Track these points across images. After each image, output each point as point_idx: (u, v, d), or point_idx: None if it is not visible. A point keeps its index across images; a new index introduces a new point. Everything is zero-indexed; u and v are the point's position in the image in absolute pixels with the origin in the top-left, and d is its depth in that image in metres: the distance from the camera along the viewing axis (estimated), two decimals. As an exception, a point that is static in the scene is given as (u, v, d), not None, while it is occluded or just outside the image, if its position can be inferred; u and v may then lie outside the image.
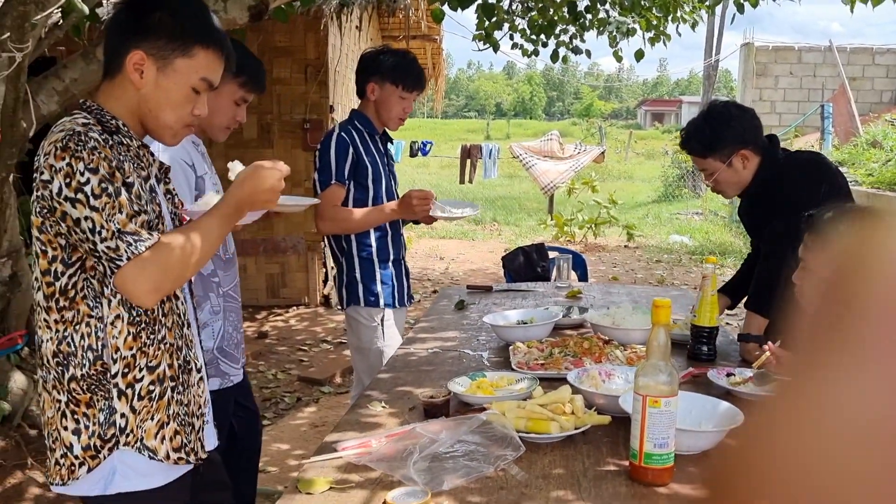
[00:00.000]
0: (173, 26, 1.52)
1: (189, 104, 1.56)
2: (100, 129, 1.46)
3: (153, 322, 1.53)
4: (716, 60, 17.57)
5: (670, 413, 1.45)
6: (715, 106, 2.58)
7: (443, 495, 1.43)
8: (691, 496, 1.43)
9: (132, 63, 1.50)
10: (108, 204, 1.39)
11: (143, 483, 1.52)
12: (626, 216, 12.51)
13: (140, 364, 1.51)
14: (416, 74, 2.88)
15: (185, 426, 1.58)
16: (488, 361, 2.33)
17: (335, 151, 2.82)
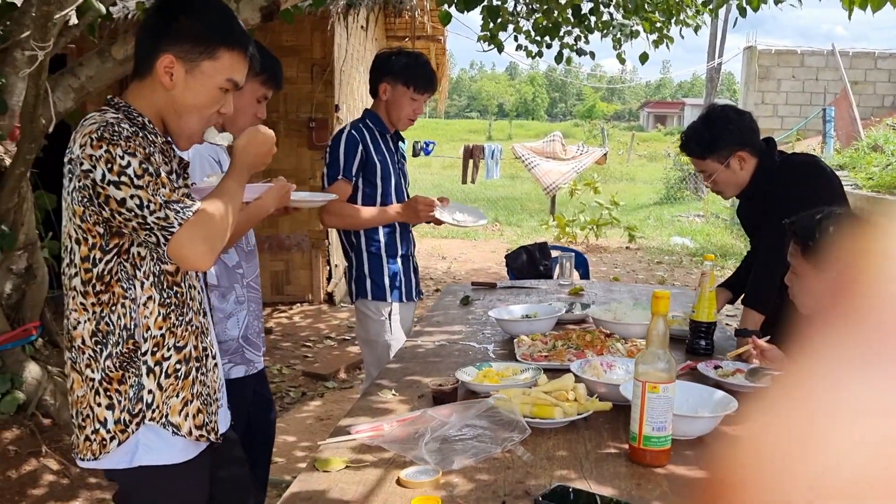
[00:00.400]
0: (199, 30, 1.61)
1: (216, 104, 1.65)
2: (129, 124, 1.55)
3: (181, 304, 1.63)
4: (719, 63, 17.65)
5: (668, 398, 1.53)
6: (714, 109, 2.67)
7: (453, 474, 1.52)
8: (687, 476, 1.51)
9: (163, 66, 1.59)
10: (150, 182, 1.49)
11: (165, 458, 1.61)
12: (628, 218, 12.59)
13: (168, 343, 1.61)
14: (427, 77, 2.97)
15: (207, 405, 1.67)
16: (493, 353, 2.42)
17: (344, 148, 2.91)
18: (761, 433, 0.30)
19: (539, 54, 7.16)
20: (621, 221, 11.17)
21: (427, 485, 1.47)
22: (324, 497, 1.45)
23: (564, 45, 7.01)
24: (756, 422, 0.31)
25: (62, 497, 3.14)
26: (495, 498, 1.42)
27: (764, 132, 8.27)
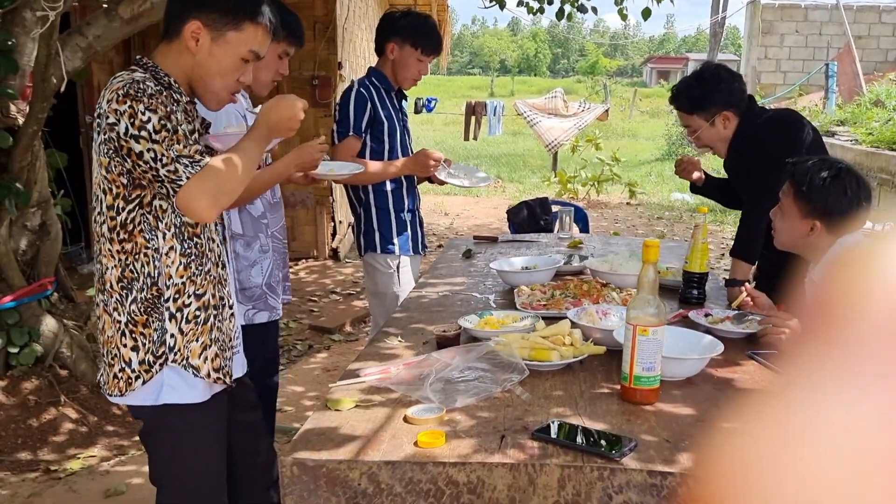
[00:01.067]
0: (228, 2, 1.70)
1: (237, 72, 1.74)
2: (154, 83, 1.64)
3: (201, 255, 1.74)
4: (722, 18, 17.48)
5: (657, 341, 1.63)
6: (707, 67, 2.74)
7: (456, 412, 1.63)
8: (673, 413, 1.62)
9: (190, 31, 1.69)
10: (166, 138, 1.60)
11: (187, 397, 1.74)
12: (630, 174, 12.62)
13: (189, 291, 1.72)
14: (435, 39, 3.03)
15: (223, 351, 1.79)
16: (494, 303, 2.52)
17: (354, 105, 2.98)
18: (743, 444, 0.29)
19: (541, 10, 7.15)
20: (622, 177, 11.21)
21: (432, 421, 1.58)
22: (336, 433, 1.56)
23: (566, 1, 7.00)
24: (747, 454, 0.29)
25: (81, 444, 3.28)
26: (495, 433, 1.53)
27: (767, 87, 8.38)
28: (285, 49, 2.40)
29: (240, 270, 2.45)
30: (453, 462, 1.42)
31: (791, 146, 2.49)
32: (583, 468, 1.39)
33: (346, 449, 1.49)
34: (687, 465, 1.39)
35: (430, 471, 1.43)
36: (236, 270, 2.44)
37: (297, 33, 2.41)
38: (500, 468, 1.41)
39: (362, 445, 1.50)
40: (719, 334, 2.14)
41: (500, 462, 1.41)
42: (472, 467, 1.42)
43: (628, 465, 1.39)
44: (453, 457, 1.44)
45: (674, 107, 2.78)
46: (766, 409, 0.29)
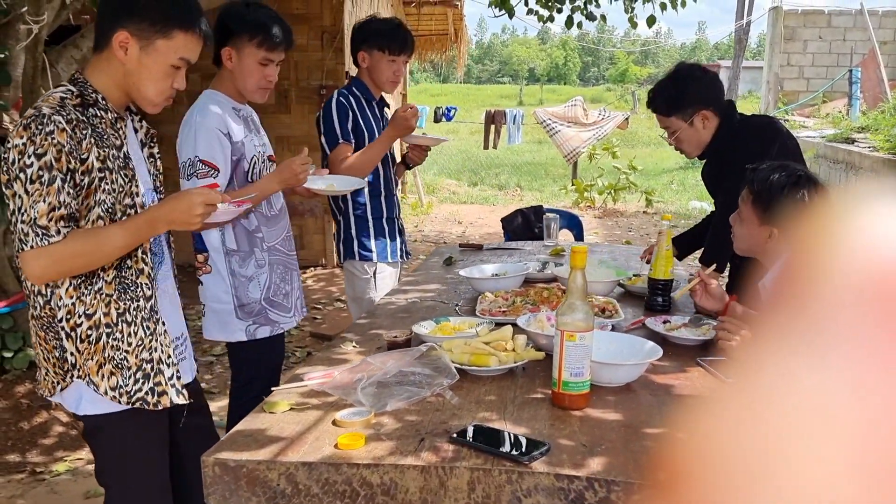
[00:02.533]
0: (156, 11, 1.73)
1: (168, 79, 1.78)
2: (77, 103, 1.70)
3: (91, 275, 1.74)
4: (746, 23, 17.32)
5: (585, 346, 1.64)
6: (681, 67, 2.73)
7: (385, 415, 1.65)
8: (600, 418, 1.63)
9: (118, 41, 1.72)
10: (37, 191, 1.62)
11: (105, 408, 1.80)
12: (651, 182, 12.55)
13: (79, 311, 1.74)
14: (400, 38, 3.05)
15: (121, 369, 1.78)
16: (459, 310, 2.53)
17: (337, 114, 3.03)
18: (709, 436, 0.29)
19: (550, 19, 7.18)
20: (640, 186, 11.15)
21: (359, 424, 1.60)
22: (263, 434, 1.59)
23: (575, 9, 7.02)
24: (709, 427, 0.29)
25: (69, 447, 3.34)
26: (416, 435, 1.55)
27: (789, 94, 8.35)
28: (265, 55, 2.41)
29: (237, 286, 2.49)
30: (367, 464, 1.44)
31: (765, 154, 2.47)
32: (491, 471, 1.40)
33: (268, 450, 1.51)
34: (596, 469, 1.40)
35: (345, 472, 1.45)
36: (233, 286, 2.48)
37: (273, 37, 2.40)
38: (411, 470, 1.43)
39: (284, 447, 1.53)
40: (674, 341, 2.14)
41: (412, 464, 1.43)
42: (384, 469, 1.44)
43: (536, 468, 1.40)
44: (368, 458, 1.46)
45: (651, 110, 2.78)
46: (730, 382, 0.29)
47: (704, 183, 2.86)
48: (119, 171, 1.76)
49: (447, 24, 10.95)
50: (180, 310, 2.06)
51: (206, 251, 2.50)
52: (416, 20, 10.45)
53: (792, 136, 2.63)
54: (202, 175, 2.33)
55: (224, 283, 2.49)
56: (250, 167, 2.46)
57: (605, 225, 9.54)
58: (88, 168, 1.68)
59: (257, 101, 2.51)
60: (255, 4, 2.48)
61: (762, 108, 13.45)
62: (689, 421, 0.30)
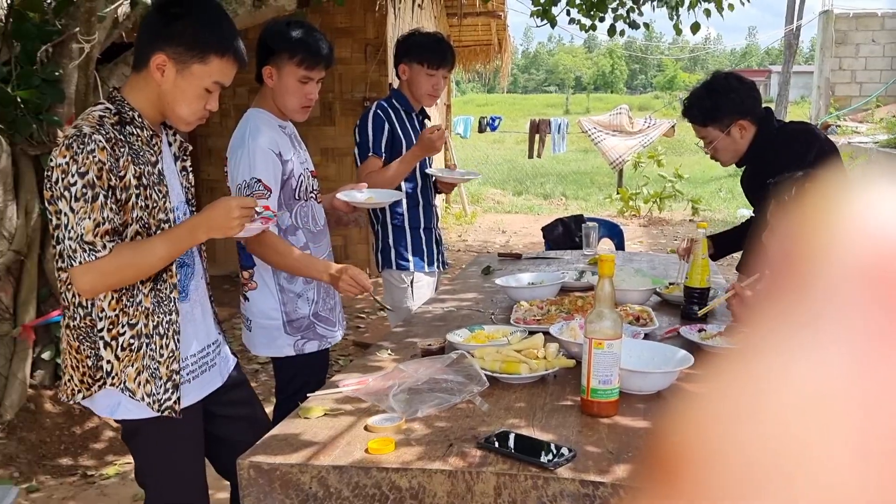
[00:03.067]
0: (192, 36, 1.80)
1: (202, 101, 1.85)
2: (115, 121, 1.77)
3: (132, 288, 1.82)
4: (797, 28, 17.01)
5: (613, 354, 1.65)
6: (717, 77, 2.72)
7: (416, 421, 1.68)
8: (628, 426, 1.63)
9: (155, 64, 1.79)
10: (81, 209, 1.69)
11: (140, 413, 1.87)
12: (698, 190, 12.41)
13: (122, 322, 1.82)
14: (440, 52, 3.09)
15: (155, 378, 1.86)
16: (494, 318, 2.56)
17: (372, 127, 3.07)
18: (710, 398, 0.29)
19: (592, 27, 7.16)
20: (686, 194, 11.02)
21: (390, 430, 1.63)
22: (297, 438, 1.63)
23: (618, 18, 6.99)
24: (707, 386, 0.29)
25: (119, 451, 3.45)
26: (445, 441, 1.57)
27: (842, 100, 8.23)
28: (305, 74, 2.42)
29: (286, 303, 2.51)
30: (396, 468, 1.47)
31: (802, 160, 2.45)
32: (517, 476, 1.42)
33: (301, 454, 1.56)
34: (622, 476, 1.40)
35: (375, 476, 1.48)
36: (282, 303, 2.51)
37: (314, 55, 2.41)
38: (439, 475, 1.46)
39: (317, 451, 1.57)
40: (709, 350, 2.13)
41: (440, 469, 1.46)
42: (413, 473, 1.47)
43: (562, 474, 1.41)
44: (397, 463, 1.49)
45: (688, 120, 2.77)
46: (730, 364, 0.29)
47: (744, 190, 2.84)
48: (154, 188, 1.83)
49: (491, 34, 11.01)
50: (211, 316, 2.12)
51: (253, 267, 2.52)
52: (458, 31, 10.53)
53: (831, 142, 2.60)
54: (258, 196, 2.34)
55: (273, 300, 2.51)
56: (297, 184, 2.49)
57: (649, 234, 9.45)
58: (126, 185, 1.75)
59: (298, 120, 2.53)
60: (297, 22, 2.50)
61: (813, 114, 13.19)
62: (686, 414, 0.30)
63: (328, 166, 7.01)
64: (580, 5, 6.61)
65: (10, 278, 3.60)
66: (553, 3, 6.33)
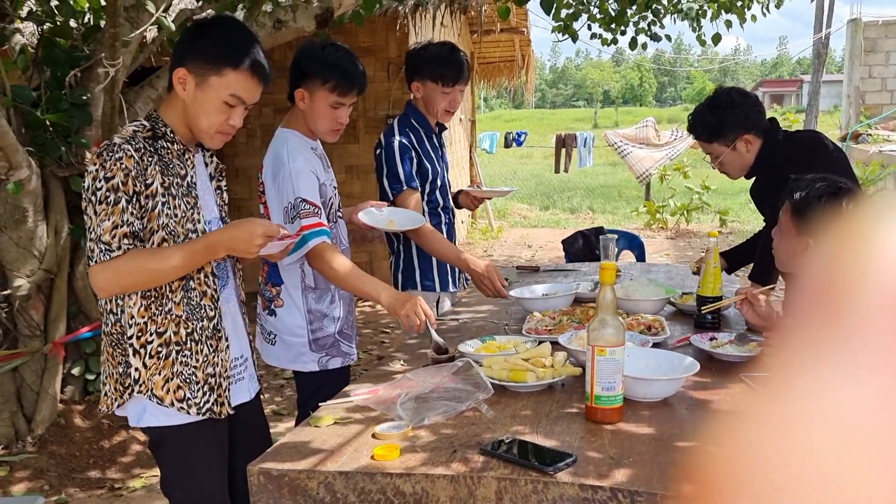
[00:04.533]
0: (210, 50, 1.90)
1: (222, 114, 1.92)
2: (148, 136, 1.89)
3: (160, 297, 1.90)
4: (826, 36, 16.86)
5: (616, 360, 1.67)
6: (720, 94, 2.73)
7: (423, 428, 1.71)
8: (631, 432, 1.65)
9: (177, 77, 1.90)
10: (103, 211, 1.80)
11: (165, 421, 1.94)
12: (727, 202, 12.30)
13: (150, 329, 1.90)
14: (454, 69, 2.95)
15: (189, 384, 1.94)
16: (507, 329, 2.58)
17: (400, 159, 2.94)
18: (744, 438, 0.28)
19: (614, 41, 7.18)
20: (714, 205, 10.94)
21: (396, 437, 1.67)
22: (307, 446, 1.67)
23: (640, 31, 7.01)
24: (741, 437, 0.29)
25: (146, 464, 3.52)
26: (450, 447, 1.60)
27: (872, 108, 8.16)
28: (337, 99, 2.41)
29: (312, 321, 2.53)
30: (400, 473, 1.51)
31: (809, 167, 2.45)
32: (518, 481, 1.45)
33: (309, 460, 1.59)
34: (621, 480, 1.42)
35: (380, 481, 1.52)
36: (309, 321, 2.54)
37: (346, 82, 2.39)
38: (441, 480, 1.48)
39: (324, 458, 1.60)
40: (719, 358, 2.14)
41: (443, 474, 1.49)
42: (416, 478, 1.50)
43: (561, 479, 1.43)
44: (401, 469, 1.52)
45: (692, 137, 2.79)
46: (761, 393, 0.29)
47: (754, 201, 2.85)
48: (182, 198, 1.92)
49: (514, 50, 11.07)
50: (244, 332, 2.17)
51: (281, 285, 2.54)
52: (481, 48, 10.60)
53: (839, 149, 2.60)
54: (305, 214, 2.36)
55: (300, 318, 2.53)
56: (328, 206, 2.51)
57: (676, 246, 9.40)
58: (153, 192, 1.85)
59: (328, 141, 2.54)
60: (333, 45, 2.50)
61: (843, 123, 13.04)
62: (719, 434, 0.30)
63: (352, 184, 7.09)
64: (601, 19, 6.64)
65: (41, 296, 3.70)
66: (574, 19, 6.36)
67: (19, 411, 3.66)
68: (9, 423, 3.63)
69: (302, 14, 3.90)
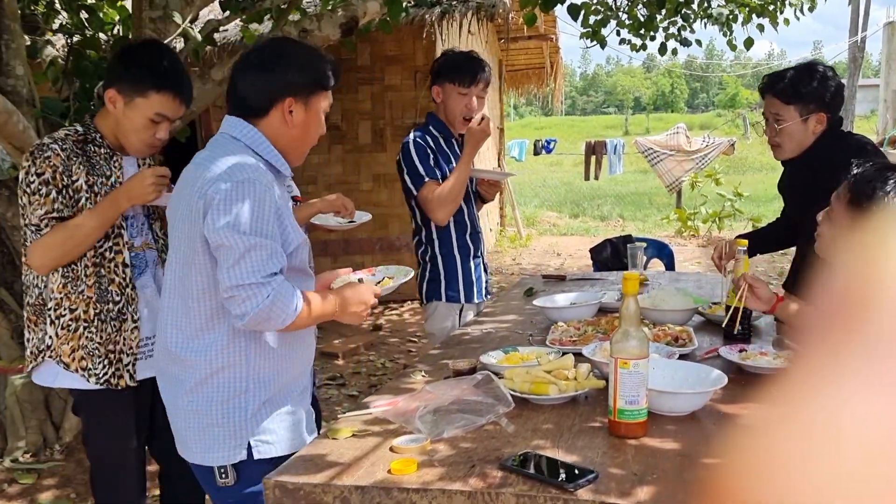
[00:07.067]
0: (136, 75, 2.18)
1: (149, 130, 2.20)
2: (77, 139, 2.21)
3: (76, 278, 2.24)
4: (861, 40, 16.58)
5: (639, 373, 1.62)
6: (816, 63, 2.64)
7: (441, 442, 1.68)
8: (656, 448, 1.60)
9: (108, 97, 2.20)
10: (36, 201, 2.15)
11: (76, 384, 2.29)
12: (760, 209, 12.12)
13: (65, 305, 2.24)
14: (471, 69, 2.98)
15: (94, 356, 2.26)
16: (531, 340, 2.54)
17: (416, 154, 2.97)
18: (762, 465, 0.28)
19: (643, 47, 7.12)
20: (746, 213, 10.77)
21: (414, 450, 1.63)
22: (323, 459, 1.64)
23: (669, 36, 6.93)
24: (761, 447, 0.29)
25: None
26: (468, 462, 1.57)
27: None
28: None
29: None
30: (416, 488, 1.47)
31: None
32: (537, 497, 1.41)
33: (325, 474, 1.57)
34: (644, 498, 1.38)
35: (396, 496, 1.48)
36: None
37: None
38: (458, 496, 1.45)
39: (341, 471, 1.58)
40: (749, 370, 2.08)
41: (460, 490, 1.45)
42: (433, 494, 1.46)
43: (582, 496, 1.39)
44: (418, 483, 1.49)
45: (770, 93, 2.59)
46: (779, 401, 0.28)
47: (782, 193, 2.75)
48: (106, 196, 2.21)
49: (543, 57, 11.03)
50: (155, 315, 2.25)
51: None
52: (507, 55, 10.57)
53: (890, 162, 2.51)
54: None
55: None
56: None
57: (707, 254, 9.25)
58: (77, 188, 2.18)
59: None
60: None
61: (879, 128, 12.78)
62: (741, 450, 0.30)
63: (380, 192, 7.09)
64: (630, 25, 6.58)
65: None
66: (602, 25, 6.31)
67: (48, 419, 3.69)
68: (37, 431, 3.65)
69: (327, 23, 3.90)
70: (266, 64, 1.89)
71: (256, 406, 1.86)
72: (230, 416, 1.84)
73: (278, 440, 1.91)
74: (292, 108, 1.87)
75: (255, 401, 1.85)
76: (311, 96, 1.90)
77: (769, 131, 2.64)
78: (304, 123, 1.90)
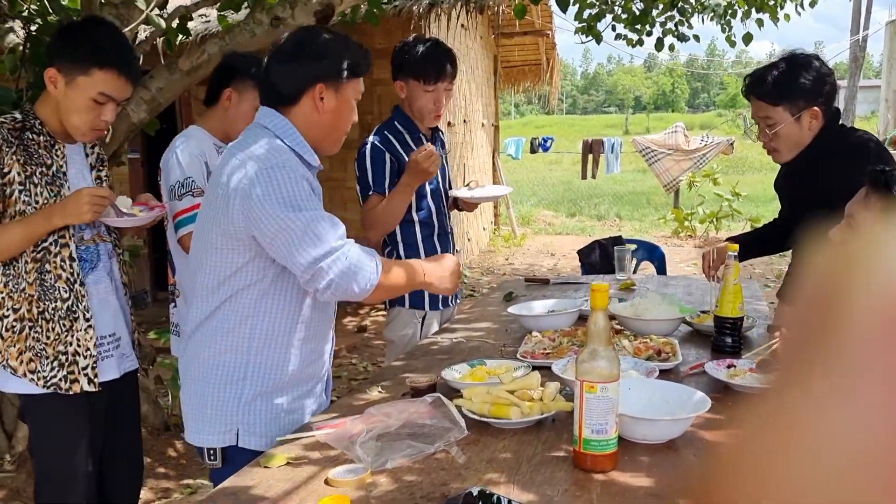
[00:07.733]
0: (78, 52, 2.02)
1: (92, 111, 2.05)
2: (14, 127, 2.04)
3: (17, 277, 2.08)
4: (863, 39, 16.37)
5: (608, 398, 1.42)
6: (799, 55, 2.39)
7: (384, 473, 1.47)
8: (625, 484, 1.40)
9: (48, 77, 2.03)
10: None
11: (24, 389, 2.12)
12: (760, 209, 11.91)
13: (7, 305, 2.08)
14: (436, 64, 2.73)
15: (40, 358, 2.10)
16: (503, 351, 2.33)
17: (370, 162, 2.75)
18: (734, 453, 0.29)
19: (640, 42, 6.92)
20: (745, 213, 10.57)
21: (352, 484, 1.43)
22: (247, 493, 1.44)
23: (667, 32, 6.74)
24: (737, 460, 0.30)
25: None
26: (409, 499, 1.36)
27: None
28: None
29: None
30: (344, 533, 1.27)
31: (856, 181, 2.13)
32: (481, 548, 1.21)
33: (245, 512, 1.37)
34: (606, 551, 1.17)
35: (322, 542, 1.28)
36: None
37: None
38: (392, 543, 1.25)
39: (264, 509, 1.38)
40: (737, 389, 1.87)
41: (394, 536, 1.25)
42: (363, 540, 1.26)
43: (533, 546, 1.19)
44: (347, 527, 1.29)
45: (754, 95, 2.37)
46: (751, 411, 0.29)
47: (781, 190, 2.54)
48: (46, 187, 2.06)
49: (539, 53, 10.83)
50: (119, 312, 2.27)
51: (176, 275, 2.63)
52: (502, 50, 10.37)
53: (890, 158, 2.29)
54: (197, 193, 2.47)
55: None
56: None
57: (705, 255, 9.06)
58: (9, 181, 2.02)
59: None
60: None
61: (881, 128, 12.58)
62: (710, 463, 0.32)
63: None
64: (625, 19, 6.39)
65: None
66: (598, 19, 6.13)
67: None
68: (-12, 440, 3.45)
69: (301, 11, 3.68)
70: (297, 51, 1.87)
71: (251, 396, 1.81)
72: (224, 401, 1.82)
73: (265, 435, 1.83)
74: (323, 95, 1.85)
75: (250, 390, 1.81)
76: (342, 82, 1.87)
77: (762, 136, 2.40)
78: (336, 110, 1.87)
